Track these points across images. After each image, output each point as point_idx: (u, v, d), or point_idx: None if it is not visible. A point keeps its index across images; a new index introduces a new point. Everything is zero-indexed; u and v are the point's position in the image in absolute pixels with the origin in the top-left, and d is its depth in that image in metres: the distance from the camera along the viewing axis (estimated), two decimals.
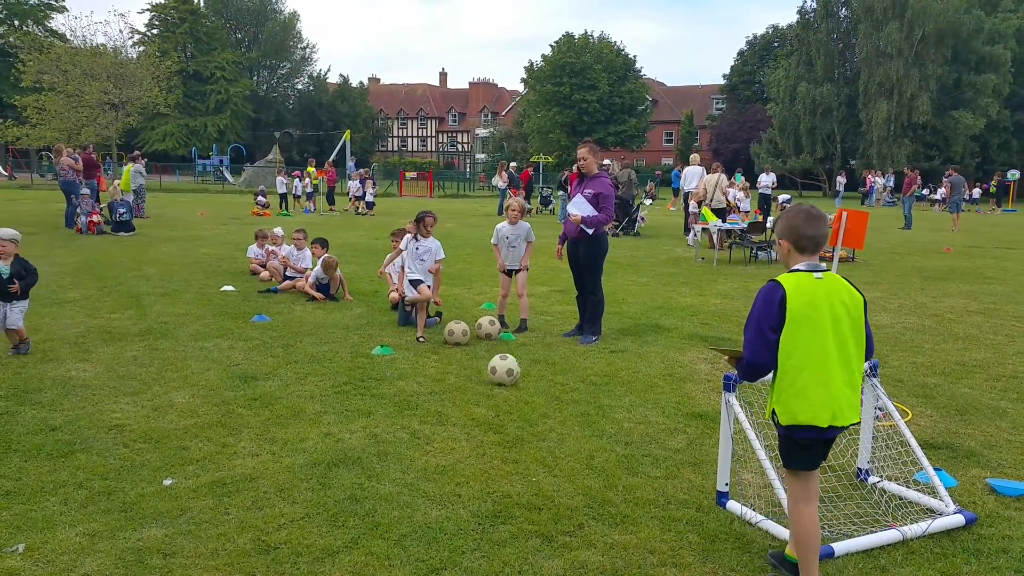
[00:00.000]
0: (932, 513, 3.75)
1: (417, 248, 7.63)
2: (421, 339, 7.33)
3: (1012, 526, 3.71)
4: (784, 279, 2.97)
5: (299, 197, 27.83)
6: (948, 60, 46.90)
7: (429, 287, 7.60)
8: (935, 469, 4.01)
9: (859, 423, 3.05)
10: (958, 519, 3.68)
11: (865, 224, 4.97)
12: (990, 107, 46.07)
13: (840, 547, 3.40)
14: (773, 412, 3.00)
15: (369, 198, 26.27)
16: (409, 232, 7.94)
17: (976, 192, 37.86)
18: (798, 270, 3.02)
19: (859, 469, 4.14)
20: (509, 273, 8.04)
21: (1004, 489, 4.08)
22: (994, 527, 3.70)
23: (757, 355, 2.94)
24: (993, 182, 38.54)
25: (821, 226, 3.06)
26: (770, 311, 2.91)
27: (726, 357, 3.25)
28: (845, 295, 2.97)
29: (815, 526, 3.03)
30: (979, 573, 3.29)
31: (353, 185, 27.27)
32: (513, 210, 8.05)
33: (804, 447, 2.96)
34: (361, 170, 31.18)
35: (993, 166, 46.94)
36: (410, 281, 7.60)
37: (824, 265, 3.06)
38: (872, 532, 3.54)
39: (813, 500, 3.04)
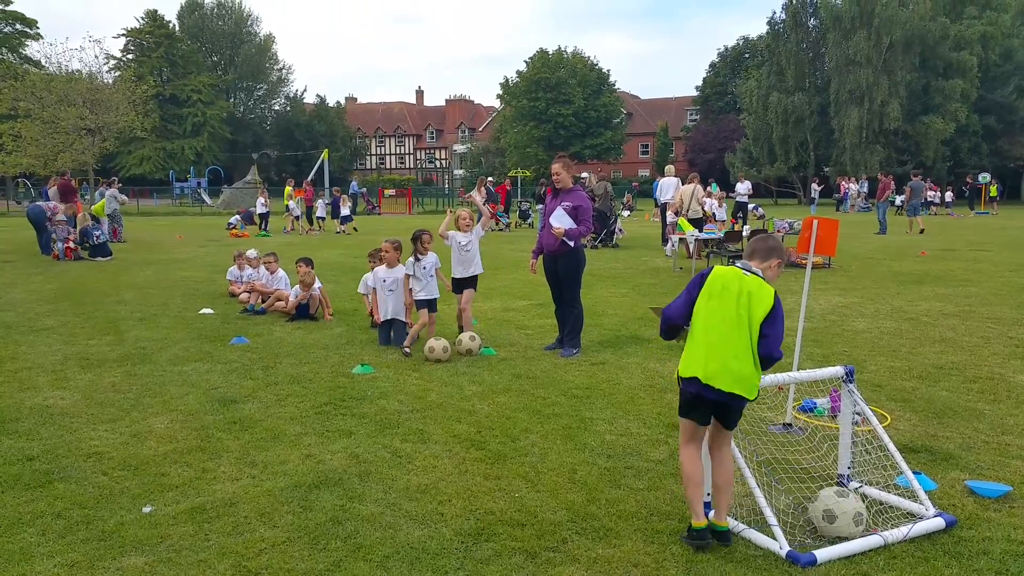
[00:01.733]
0: (913, 517, 3.78)
1: (424, 267, 7.73)
2: (407, 351, 7.42)
3: (992, 527, 3.75)
4: (719, 268, 3.71)
5: (298, 217, 27.72)
6: (916, 67, 47.80)
7: (437, 299, 7.77)
8: (915, 473, 4.04)
9: (742, 397, 3.51)
10: (938, 522, 3.71)
11: (836, 231, 5.02)
12: (959, 112, 46.95)
13: (822, 554, 3.42)
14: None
15: (345, 212, 26.33)
16: (385, 253, 7.98)
17: (948, 196, 38.47)
18: (735, 265, 3.72)
19: (839, 475, 4.17)
20: (461, 288, 8.00)
21: (983, 491, 4.12)
22: (974, 529, 3.74)
23: (673, 304, 3.81)
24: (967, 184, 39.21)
25: (770, 239, 3.86)
26: (698, 281, 3.70)
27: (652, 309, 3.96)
28: (757, 292, 3.54)
29: (692, 466, 3.59)
30: (960, 575, 3.31)
31: (320, 204, 27.47)
32: (464, 219, 8.08)
33: (685, 398, 3.64)
34: (334, 188, 31.15)
35: (964, 170, 47.77)
36: (418, 302, 7.72)
37: (755, 267, 3.66)
38: (854, 539, 3.56)
39: (690, 443, 3.64)
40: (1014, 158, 50.64)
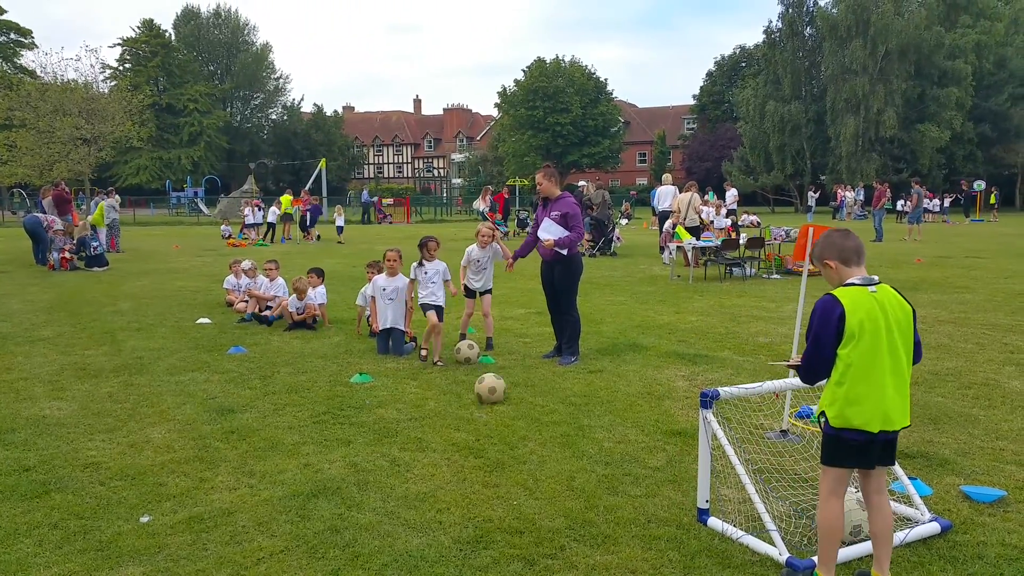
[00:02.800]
0: (908, 522, 3.79)
1: (426, 273, 7.74)
2: (439, 363, 7.40)
3: (986, 532, 3.77)
4: (842, 295, 3.12)
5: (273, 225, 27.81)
6: (912, 75, 48.00)
7: (440, 308, 7.71)
8: (910, 478, 4.06)
9: (909, 425, 3.22)
10: (934, 527, 3.73)
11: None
12: (954, 120, 47.13)
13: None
14: (822, 414, 3.17)
15: (340, 222, 26.40)
16: (390, 262, 7.99)
17: (945, 202, 38.57)
18: (853, 284, 3.17)
19: None
20: (473, 294, 8.30)
21: (978, 496, 4.14)
22: (969, 533, 3.75)
23: (815, 365, 3.19)
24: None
25: (856, 238, 3.31)
26: (828, 327, 3.09)
27: (785, 365, 3.54)
28: (897, 307, 3.14)
29: (838, 519, 3.18)
30: None
31: (271, 211, 27.51)
32: (483, 235, 8.21)
33: (850, 447, 3.12)
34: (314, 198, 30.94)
35: (959, 177, 47.94)
36: (422, 306, 7.73)
37: (877, 278, 3.19)
38: (852, 544, 3.57)
39: (839, 496, 3.20)
40: (1008, 166, 50.83)
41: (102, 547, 3.70)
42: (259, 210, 28.27)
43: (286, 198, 28.22)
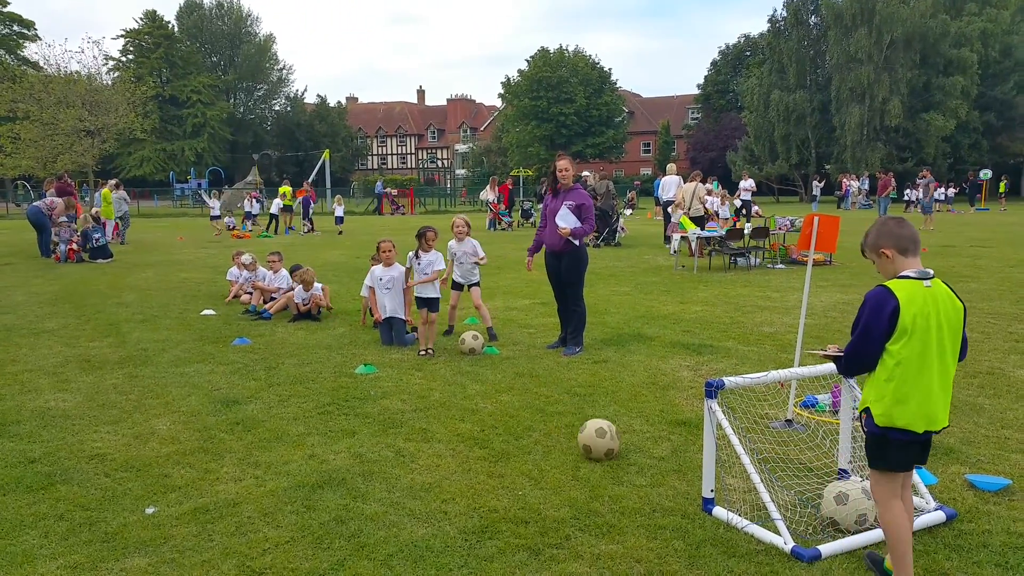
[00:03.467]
0: (914, 511, 3.78)
1: (419, 263, 7.72)
2: (428, 352, 7.40)
3: (991, 520, 3.76)
4: (897, 288, 2.98)
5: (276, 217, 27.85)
6: (917, 64, 47.70)
7: (434, 301, 7.67)
8: (915, 467, 4.04)
9: (948, 426, 3.15)
10: (939, 515, 3.73)
11: (836, 228, 5.02)
12: (959, 109, 46.86)
13: (826, 549, 3.42)
14: (867, 411, 3.06)
15: (339, 213, 26.43)
16: (385, 253, 7.98)
17: (951, 192, 38.42)
18: (908, 276, 3.02)
19: (840, 470, 4.17)
20: (460, 287, 8.33)
21: (983, 484, 4.13)
22: (974, 522, 3.75)
23: (861, 358, 3.05)
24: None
25: (911, 226, 3.14)
26: (880, 320, 2.96)
27: (821, 354, 3.40)
28: (949, 304, 3.02)
29: (904, 521, 3.07)
30: (960, 568, 3.32)
31: (276, 203, 27.30)
32: (458, 227, 8.19)
33: (898, 447, 3.04)
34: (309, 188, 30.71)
35: (965, 166, 47.73)
36: (416, 299, 7.72)
37: (931, 272, 3.05)
38: (857, 533, 3.57)
39: (898, 497, 3.11)
40: (1014, 154, 50.58)
41: (108, 538, 3.71)
42: (257, 202, 28.26)
43: (285, 188, 28.27)
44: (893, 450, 3.04)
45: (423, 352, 7.41)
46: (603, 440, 4.56)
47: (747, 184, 25.87)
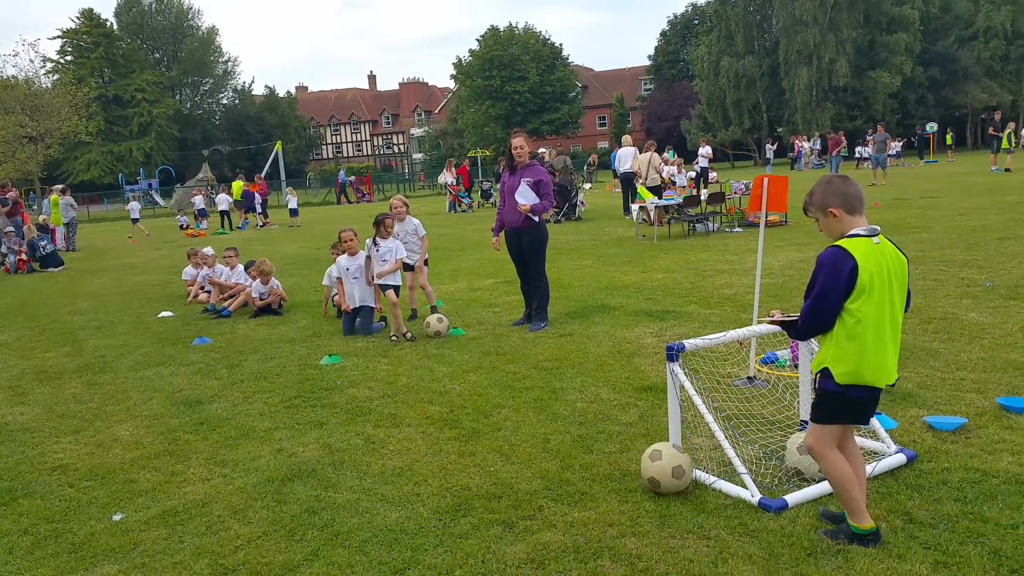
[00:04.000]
0: (875, 455, 3.88)
1: (378, 250, 7.66)
2: (408, 337, 7.35)
3: (950, 459, 3.87)
4: (851, 247, 2.97)
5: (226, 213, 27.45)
6: (861, 23, 48.39)
7: (398, 287, 7.67)
8: (875, 414, 4.13)
9: (897, 377, 3.17)
10: (900, 458, 3.82)
11: (786, 188, 5.09)
12: (904, 65, 47.71)
13: (792, 498, 3.49)
14: (826, 370, 3.05)
15: (293, 205, 26.14)
16: (347, 242, 7.89)
17: (897, 146, 39.13)
18: (859, 235, 3.02)
19: (802, 420, 4.25)
20: (411, 268, 8.32)
21: (940, 425, 4.25)
22: (933, 462, 3.86)
23: (819, 321, 3.03)
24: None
25: (857, 185, 3.12)
26: (839, 281, 2.94)
27: (768, 321, 3.39)
28: (895, 259, 3.05)
29: (845, 462, 3.10)
30: (922, 507, 3.42)
31: (222, 199, 26.96)
32: (396, 208, 8.23)
33: (855, 404, 3.05)
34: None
35: (912, 121, 48.63)
36: (380, 286, 7.67)
37: (878, 228, 3.06)
38: (821, 481, 3.64)
39: (835, 445, 3.12)
40: (958, 107, 51.69)
41: (75, 548, 3.64)
42: (206, 199, 27.82)
43: (237, 184, 27.83)
44: (852, 406, 3.06)
45: (396, 338, 7.35)
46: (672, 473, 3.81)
47: (705, 151, 26.12)
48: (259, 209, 26.61)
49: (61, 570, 3.44)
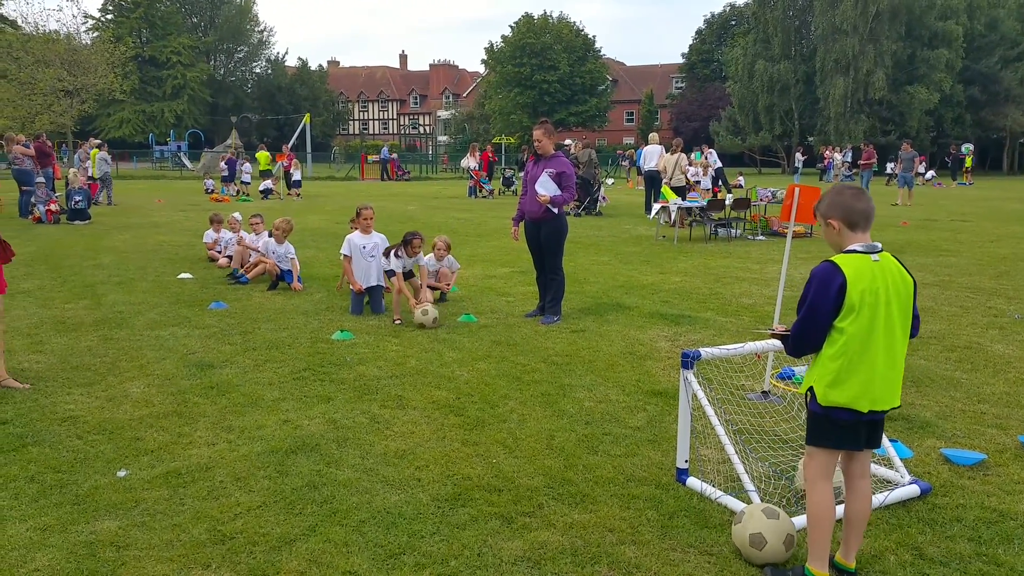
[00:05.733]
0: (888, 484, 3.81)
1: (405, 265, 7.68)
2: (401, 320, 7.38)
3: (966, 495, 3.78)
4: (843, 262, 2.86)
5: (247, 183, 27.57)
6: (902, 36, 47.62)
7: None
8: (891, 440, 4.07)
9: (899, 407, 3.02)
10: (913, 489, 3.74)
11: (817, 199, 4.99)
12: (943, 82, 46.93)
13: (799, 521, 3.43)
14: (810, 390, 2.96)
15: (297, 177, 26.19)
16: (366, 220, 7.91)
17: (927, 169, 38.59)
18: (855, 251, 2.91)
19: None
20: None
21: (958, 459, 4.16)
22: (948, 496, 3.77)
23: (808, 337, 2.92)
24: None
25: (869, 200, 2.98)
26: (826, 297, 2.84)
27: (769, 334, 3.30)
28: (898, 279, 2.91)
29: (830, 503, 2.98)
30: (934, 542, 3.34)
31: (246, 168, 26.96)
32: (439, 249, 8.39)
33: (839, 427, 2.93)
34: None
35: (947, 140, 47.91)
36: (388, 272, 7.71)
37: (879, 245, 2.93)
38: (840, 504, 3.59)
39: (829, 478, 3.01)
40: (997, 129, 50.83)
41: (78, 501, 3.67)
42: (234, 165, 27.92)
43: (263, 155, 27.91)
44: (836, 429, 2.93)
45: (399, 320, 7.36)
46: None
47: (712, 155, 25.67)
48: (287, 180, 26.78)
49: (63, 520, 3.47)
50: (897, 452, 3.99)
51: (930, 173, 37.78)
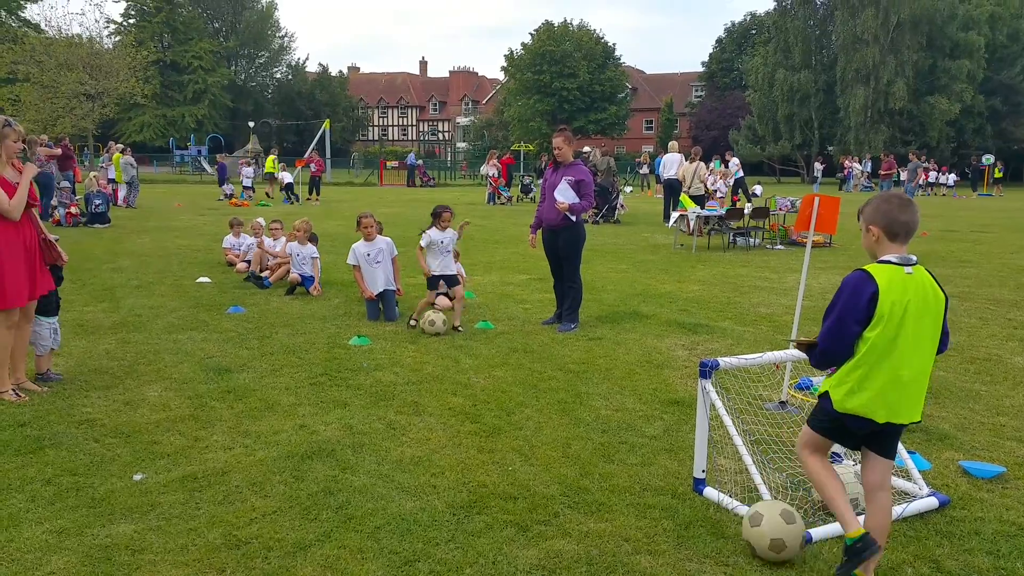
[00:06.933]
0: (906, 496, 3.76)
1: (442, 242, 7.45)
2: (458, 328, 7.28)
3: (984, 508, 3.74)
4: (877, 272, 2.84)
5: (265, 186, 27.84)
6: (923, 46, 47.27)
7: (454, 275, 7.57)
8: (909, 452, 4.02)
9: (920, 421, 3.00)
10: (931, 502, 3.70)
11: (837, 209, 4.96)
12: (965, 92, 46.51)
13: (816, 532, 3.40)
14: (827, 393, 2.95)
15: (288, 180, 26.32)
16: (367, 228, 7.90)
17: (951, 178, 38.22)
18: (889, 262, 2.88)
19: (833, 453, 4.14)
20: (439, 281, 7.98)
21: (977, 471, 4.11)
22: (967, 509, 3.72)
23: (835, 346, 2.90)
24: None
25: (915, 212, 2.95)
26: (857, 306, 2.82)
27: (796, 345, 3.28)
28: (930, 293, 2.88)
29: (827, 469, 3.00)
30: (951, 555, 3.30)
31: (247, 172, 27.11)
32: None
33: (849, 433, 2.95)
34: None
35: (968, 151, 47.45)
36: (441, 277, 7.47)
37: (915, 258, 2.91)
38: (860, 515, 3.54)
39: (824, 453, 3.04)
40: (1018, 140, 50.26)
41: (95, 504, 3.69)
42: (247, 168, 28.19)
43: (270, 160, 28.26)
44: (844, 432, 2.96)
45: (414, 323, 7.35)
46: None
47: (732, 162, 25.67)
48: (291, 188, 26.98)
49: (79, 523, 3.49)
50: (915, 464, 3.94)
51: (952, 178, 37.42)
